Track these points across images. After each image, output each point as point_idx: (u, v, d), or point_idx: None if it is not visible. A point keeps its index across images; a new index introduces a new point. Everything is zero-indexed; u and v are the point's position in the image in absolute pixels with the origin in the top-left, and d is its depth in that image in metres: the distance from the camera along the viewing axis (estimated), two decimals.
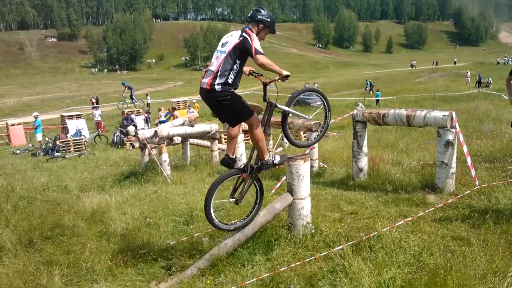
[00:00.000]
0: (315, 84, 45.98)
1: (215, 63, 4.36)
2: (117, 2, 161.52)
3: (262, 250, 4.61)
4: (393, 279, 3.72)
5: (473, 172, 6.16)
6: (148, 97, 39.36)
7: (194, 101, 30.32)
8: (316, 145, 8.61)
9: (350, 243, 4.47)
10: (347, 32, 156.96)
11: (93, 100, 38.29)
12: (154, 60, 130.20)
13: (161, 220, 6.15)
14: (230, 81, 4.28)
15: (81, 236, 5.93)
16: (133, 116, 23.86)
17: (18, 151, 20.49)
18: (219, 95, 4.27)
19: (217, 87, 4.24)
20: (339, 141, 12.53)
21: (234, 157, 4.76)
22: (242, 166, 4.66)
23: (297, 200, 4.81)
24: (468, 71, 48.01)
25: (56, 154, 17.99)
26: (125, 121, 23.40)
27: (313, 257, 4.33)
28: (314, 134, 5.39)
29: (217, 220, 4.50)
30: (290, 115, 4.90)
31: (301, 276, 4.09)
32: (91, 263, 4.91)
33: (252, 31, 4.40)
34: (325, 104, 5.07)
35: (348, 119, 10.52)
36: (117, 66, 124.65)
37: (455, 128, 6.07)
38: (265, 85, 4.71)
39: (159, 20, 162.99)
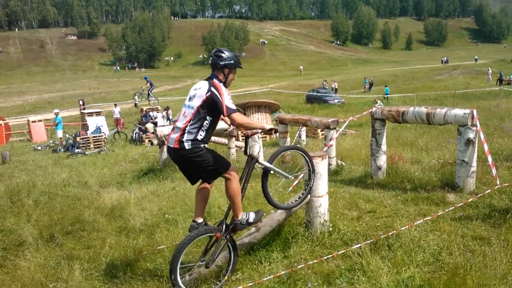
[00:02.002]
0: (334, 82, 45.79)
1: (182, 119, 4.04)
2: (136, 1, 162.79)
3: (279, 247, 4.61)
4: (411, 278, 3.70)
5: (494, 171, 6.07)
6: (136, 97, 38.51)
7: None
8: (334, 143, 8.59)
9: (368, 241, 4.45)
10: (365, 29, 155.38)
11: (81, 103, 38.10)
12: (172, 58, 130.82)
13: (179, 216, 6.21)
14: (199, 137, 3.96)
15: (101, 231, 6.03)
16: (152, 113, 24.08)
17: (39, 148, 20.85)
18: (189, 153, 3.93)
19: (186, 144, 3.91)
20: (357, 139, 12.46)
21: (202, 221, 4.27)
22: (216, 225, 4.26)
23: (315, 197, 4.79)
24: (489, 68, 47.35)
25: (76, 150, 18.26)
26: (144, 118, 23.64)
27: (331, 255, 4.31)
28: (295, 197, 4.97)
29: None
30: (272, 172, 4.44)
31: (318, 273, 4.08)
32: (111, 258, 4.99)
33: (219, 81, 4.07)
34: (309, 164, 4.65)
35: (366, 116, 10.45)
36: (135, 63, 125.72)
37: (476, 126, 5.98)
38: (247, 137, 4.46)
39: (177, 18, 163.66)
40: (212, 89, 3.96)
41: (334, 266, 4.18)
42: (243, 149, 12.62)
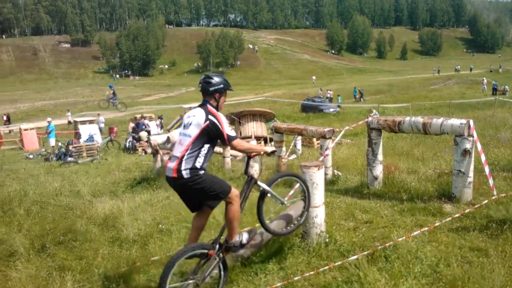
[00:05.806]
0: (328, 91, 45.93)
1: (179, 147, 3.95)
2: (130, 9, 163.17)
3: (275, 259, 4.55)
4: None
5: (491, 181, 6.04)
6: (69, 113, 38.58)
7: None
8: (330, 152, 8.55)
9: (365, 252, 4.39)
10: (360, 38, 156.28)
11: (5, 118, 37.77)
12: (166, 66, 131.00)
13: (173, 226, 6.13)
14: (198, 165, 3.85)
15: (94, 241, 5.92)
16: (145, 121, 24.00)
17: (31, 156, 20.67)
18: (188, 181, 3.82)
19: (184, 173, 3.80)
20: (353, 148, 12.44)
21: None
22: (210, 242, 4.09)
23: (311, 208, 4.74)
24: (484, 78, 47.59)
25: (69, 159, 18.10)
26: (136, 126, 23.54)
27: (327, 267, 4.26)
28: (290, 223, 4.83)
29: None
30: (269, 195, 4.36)
31: (315, 285, 4.03)
32: (104, 269, 4.89)
33: (213, 107, 4.03)
34: (306, 192, 4.61)
35: (361, 126, 10.43)
36: (129, 71, 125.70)
37: (473, 137, 5.96)
38: (249, 157, 4.43)
39: (172, 26, 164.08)
40: (210, 117, 3.91)
41: (331, 278, 4.12)
42: (238, 158, 12.48)
